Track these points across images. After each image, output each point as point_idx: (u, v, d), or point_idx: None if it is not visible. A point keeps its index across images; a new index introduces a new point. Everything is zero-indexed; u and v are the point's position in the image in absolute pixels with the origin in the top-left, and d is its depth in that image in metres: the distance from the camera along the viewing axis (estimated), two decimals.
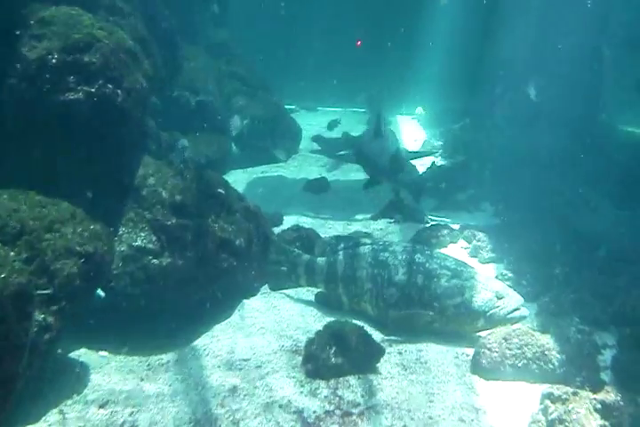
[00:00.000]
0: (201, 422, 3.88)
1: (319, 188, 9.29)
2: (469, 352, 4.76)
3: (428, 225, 7.63)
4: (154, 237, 5.04)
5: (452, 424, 3.94)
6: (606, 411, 3.72)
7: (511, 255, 6.73)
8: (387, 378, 4.43)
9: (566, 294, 5.70)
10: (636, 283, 5.79)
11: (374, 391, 4.25)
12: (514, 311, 4.89)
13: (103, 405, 4.02)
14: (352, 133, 10.96)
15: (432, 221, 7.94)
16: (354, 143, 8.42)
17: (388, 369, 4.54)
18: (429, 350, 4.80)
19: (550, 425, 3.77)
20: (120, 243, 4.94)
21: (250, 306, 5.48)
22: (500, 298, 4.92)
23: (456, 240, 7.26)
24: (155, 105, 7.66)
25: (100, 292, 4.79)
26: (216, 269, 5.29)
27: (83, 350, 4.65)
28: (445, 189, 8.98)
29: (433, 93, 14.70)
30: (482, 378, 4.50)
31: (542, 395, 4.00)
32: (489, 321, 4.89)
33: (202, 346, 4.77)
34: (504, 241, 7.02)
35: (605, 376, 4.45)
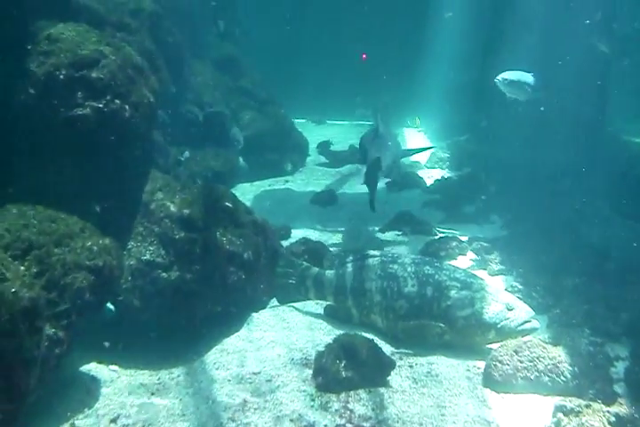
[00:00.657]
0: None
1: (326, 200, 9.29)
2: (481, 365, 4.72)
3: (437, 237, 7.61)
4: (162, 250, 5.05)
5: None
6: (620, 424, 3.68)
7: (520, 267, 6.69)
8: (398, 391, 4.40)
9: (577, 306, 5.66)
10: None
11: (385, 405, 4.22)
12: (525, 323, 4.86)
13: (114, 419, 4.02)
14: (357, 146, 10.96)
15: (440, 233, 7.92)
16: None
17: (399, 382, 4.50)
18: (440, 363, 4.77)
19: None
20: (129, 257, 4.96)
21: (259, 319, 5.47)
22: (511, 310, 4.89)
23: (465, 252, 7.23)
24: (162, 119, 7.73)
25: (110, 306, 4.79)
26: (225, 282, 5.29)
27: (93, 365, 4.65)
28: (453, 201, 8.97)
29: (439, 106, 14.74)
30: (494, 391, 4.46)
31: (555, 408, 3.96)
32: (500, 333, 4.85)
33: (212, 360, 4.76)
34: (513, 253, 6.99)
35: (619, 388, 4.39)
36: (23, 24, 4.98)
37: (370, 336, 4.83)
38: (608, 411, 3.76)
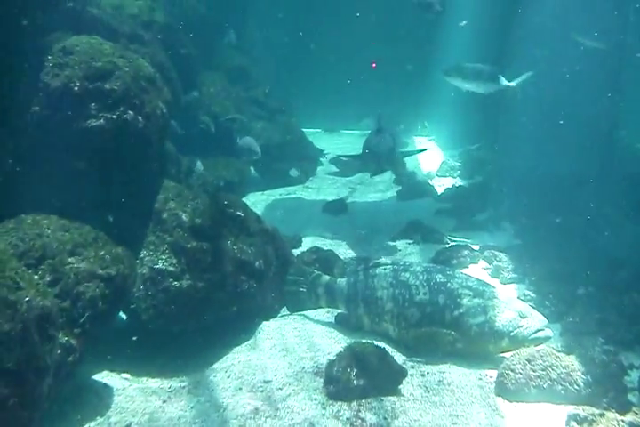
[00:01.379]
0: None
1: (337, 209, 9.32)
2: (493, 374, 4.69)
3: (448, 246, 7.60)
4: (174, 259, 5.09)
5: None
6: None
7: (533, 276, 6.66)
8: (409, 400, 4.37)
9: (590, 314, 5.61)
10: None
11: (397, 414, 4.20)
12: (538, 332, 4.83)
13: None
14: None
15: (452, 241, 7.90)
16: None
17: (411, 391, 4.48)
18: (452, 372, 4.74)
19: None
20: (141, 265, 4.99)
21: (270, 328, 5.47)
22: (524, 318, 4.86)
23: (477, 261, 7.20)
24: (174, 130, 7.81)
25: (122, 314, 4.82)
26: (236, 290, 5.30)
27: (105, 373, 4.67)
28: (464, 210, 8.96)
29: (450, 115, 14.75)
30: (506, 400, 4.42)
31: (568, 416, 3.92)
32: (513, 341, 4.82)
33: (223, 368, 4.77)
34: (526, 261, 6.96)
35: (633, 397, 4.35)
36: (38, 36, 5.07)
37: (381, 345, 4.82)
38: (622, 420, 3.72)
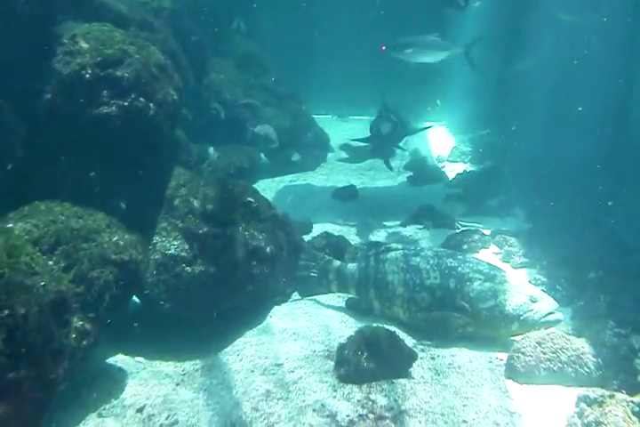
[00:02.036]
0: (236, 425, 3.93)
1: (347, 195, 9.31)
2: (503, 357, 4.71)
3: (459, 231, 7.59)
4: (186, 245, 5.14)
5: None
6: None
7: (544, 260, 6.65)
8: (419, 383, 4.42)
9: (601, 298, 5.61)
10: None
11: (407, 396, 4.25)
12: (548, 315, 4.84)
13: (140, 409, 4.11)
14: None
15: (462, 226, 7.89)
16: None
17: (421, 374, 4.53)
18: (462, 355, 4.77)
19: None
20: (154, 251, 5.05)
21: (281, 312, 5.52)
22: (535, 302, 4.88)
23: (487, 246, 7.20)
24: (185, 117, 7.83)
25: (136, 299, 4.89)
26: (247, 276, 5.35)
27: (119, 356, 4.76)
28: (475, 195, 8.93)
29: (461, 99, 14.65)
30: (516, 382, 4.46)
31: (578, 398, 3.94)
32: (523, 325, 4.84)
33: (235, 351, 4.83)
34: (536, 246, 6.95)
35: None
36: (49, 24, 5.10)
37: (392, 328, 4.85)
38: (632, 401, 3.74)
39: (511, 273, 5.48)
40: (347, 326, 5.21)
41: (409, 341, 4.89)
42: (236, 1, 12.14)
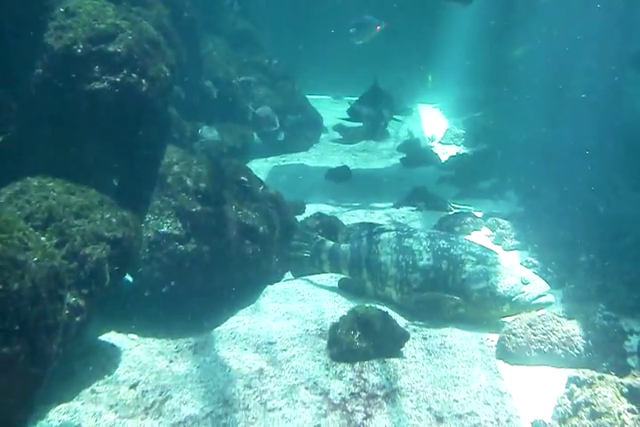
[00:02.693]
0: (229, 402, 3.95)
1: (341, 176, 9.30)
2: (494, 338, 4.76)
3: (451, 213, 7.61)
4: (179, 223, 5.11)
5: (477, 407, 3.95)
6: (634, 395, 3.69)
7: (536, 243, 6.69)
8: (411, 362, 4.45)
9: (592, 281, 5.66)
10: None
11: (399, 375, 4.28)
12: (539, 297, 4.88)
13: (134, 385, 4.11)
14: None
15: (455, 208, 7.91)
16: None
17: (413, 353, 4.56)
18: (454, 336, 4.81)
19: (576, 408, 3.74)
20: (147, 229, 5.02)
21: (274, 292, 5.53)
22: (526, 284, 4.91)
23: (479, 228, 7.23)
24: (177, 95, 7.73)
25: (129, 277, 4.87)
26: (240, 255, 5.35)
27: (113, 333, 4.75)
28: (468, 178, 8.94)
29: (454, 81, 14.58)
30: (507, 363, 4.50)
31: (568, 379, 3.98)
32: (514, 307, 4.88)
33: (228, 330, 4.84)
34: (528, 229, 6.98)
35: (632, 362, 4.42)
36: None
37: (384, 309, 4.87)
38: (621, 382, 3.77)
39: (503, 255, 5.51)
40: (339, 306, 5.23)
41: (401, 321, 4.91)
42: None
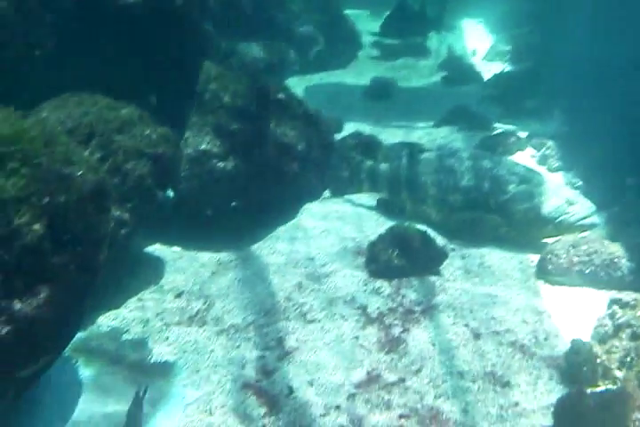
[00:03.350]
0: (270, 312, 4.08)
1: (379, 94, 9.01)
2: (534, 259, 4.73)
3: (494, 133, 7.38)
4: (218, 141, 5.08)
5: (515, 325, 3.99)
6: None
7: (581, 164, 6.49)
8: (449, 280, 4.48)
9: (638, 204, 5.50)
10: None
11: (436, 292, 4.32)
12: (584, 219, 4.78)
13: (179, 295, 4.28)
14: None
15: (498, 128, 7.66)
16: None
17: (451, 272, 4.58)
18: (493, 256, 4.80)
19: (617, 329, 3.75)
20: (186, 146, 5.01)
21: (312, 210, 5.53)
22: (571, 205, 4.80)
23: (523, 148, 7.01)
24: (213, 10, 7.47)
25: (170, 192, 4.92)
26: (278, 173, 5.33)
27: (157, 246, 4.88)
28: (512, 97, 8.59)
29: None
30: (547, 283, 4.50)
31: (610, 300, 3.96)
32: (558, 227, 4.80)
33: (267, 246, 4.91)
34: (574, 150, 6.75)
35: None
36: None
37: (423, 228, 4.85)
38: None
39: (548, 176, 5.37)
40: (378, 225, 5.21)
41: (440, 240, 4.90)
42: None
